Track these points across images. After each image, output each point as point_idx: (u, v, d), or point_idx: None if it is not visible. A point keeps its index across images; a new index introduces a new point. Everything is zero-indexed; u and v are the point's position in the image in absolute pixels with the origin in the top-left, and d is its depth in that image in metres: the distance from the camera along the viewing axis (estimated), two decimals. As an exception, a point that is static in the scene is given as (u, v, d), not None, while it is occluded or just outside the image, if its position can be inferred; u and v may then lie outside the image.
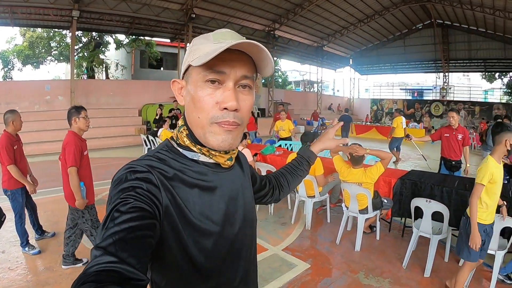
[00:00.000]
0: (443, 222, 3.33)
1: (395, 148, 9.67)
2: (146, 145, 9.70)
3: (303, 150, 1.32)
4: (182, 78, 0.83)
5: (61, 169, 3.16)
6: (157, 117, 10.86)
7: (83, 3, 12.76)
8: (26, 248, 3.65)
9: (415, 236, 3.49)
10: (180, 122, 0.86)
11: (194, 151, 0.81)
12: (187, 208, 0.76)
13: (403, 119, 9.59)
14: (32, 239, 3.91)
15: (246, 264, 0.91)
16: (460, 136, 5.05)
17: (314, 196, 4.46)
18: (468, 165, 5.16)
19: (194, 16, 15.05)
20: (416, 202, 3.47)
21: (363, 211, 3.91)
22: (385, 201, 4.12)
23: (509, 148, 2.57)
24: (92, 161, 3.37)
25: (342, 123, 1.37)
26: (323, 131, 2.01)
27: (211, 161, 0.83)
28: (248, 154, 5.27)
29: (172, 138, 0.86)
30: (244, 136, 5.36)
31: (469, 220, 2.66)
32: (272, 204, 4.92)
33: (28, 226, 3.84)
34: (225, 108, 0.75)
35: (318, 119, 18.54)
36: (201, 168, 0.81)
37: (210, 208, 0.80)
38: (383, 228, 4.39)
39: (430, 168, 6.91)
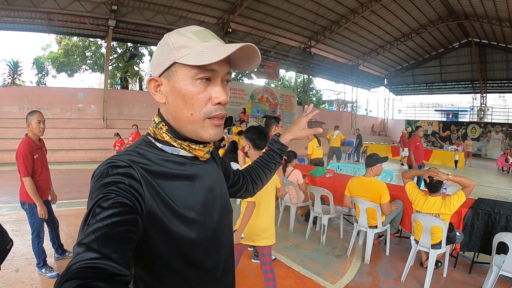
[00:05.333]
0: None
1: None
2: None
3: (272, 142, 1.28)
4: (159, 76, 0.81)
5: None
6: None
7: (119, 13, 12.91)
8: (43, 270, 3.16)
9: (495, 276, 2.98)
10: (156, 119, 0.85)
11: (174, 146, 0.82)
12: (171, 199, 0.75)
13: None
14: (50, 258, 3.42)
15: (226, 251, 0.92)
16: None
17: (376, 227, 3.83)
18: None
19: (230, 30, 14.93)
20: (503, 237, 2.95)
21: (436, 245, 3.33)
22: (458, 234, 3.54)
23: None
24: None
25: (317, 111, 1.30)
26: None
27: (190, 155, 0.84)
28: (299, 175, 4.84)
29: (148, 134, 0.85)
30: (294, 156, 4.91)
31: None
32: (324, 233, 4.40)
33: (47, 243, 3.37)
34: (218, 103, 0.78)
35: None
36: (180, 160, 0.82)
37: (192, 198, 0.80)
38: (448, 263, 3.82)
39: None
